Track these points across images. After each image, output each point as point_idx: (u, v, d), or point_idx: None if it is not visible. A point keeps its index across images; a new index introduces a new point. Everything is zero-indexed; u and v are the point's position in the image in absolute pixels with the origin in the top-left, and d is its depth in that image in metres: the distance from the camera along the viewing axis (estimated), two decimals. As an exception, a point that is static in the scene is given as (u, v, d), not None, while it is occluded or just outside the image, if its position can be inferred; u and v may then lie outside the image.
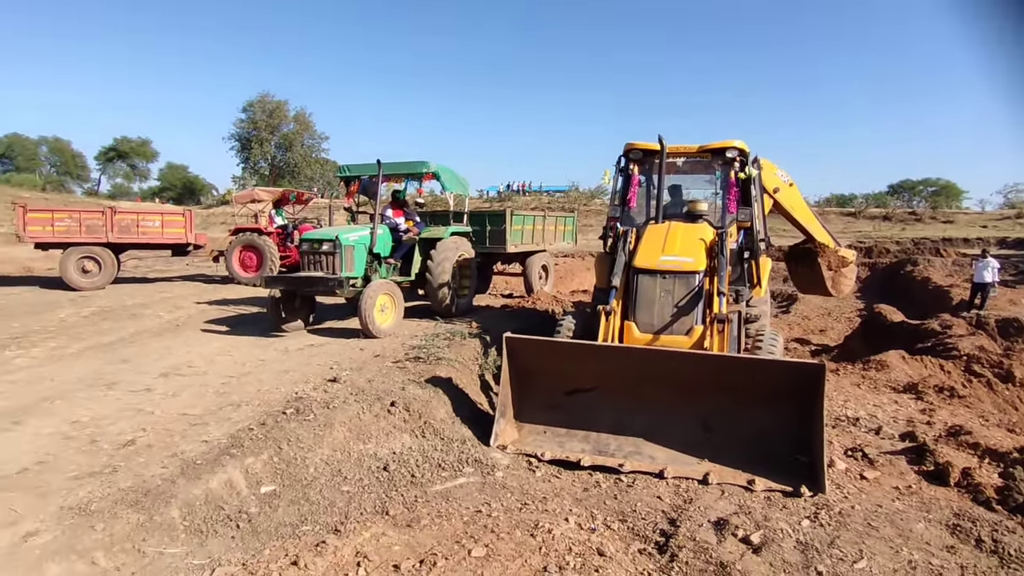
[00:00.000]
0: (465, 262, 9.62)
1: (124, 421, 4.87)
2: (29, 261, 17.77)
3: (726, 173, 6.91)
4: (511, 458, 4.84)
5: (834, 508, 3.92)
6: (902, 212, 40.84)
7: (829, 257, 10.04)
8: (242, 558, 3.27)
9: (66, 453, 4.23)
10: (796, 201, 9.18)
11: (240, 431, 4.52)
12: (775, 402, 4.68)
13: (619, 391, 5.13)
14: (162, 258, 20.16)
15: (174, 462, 4.04)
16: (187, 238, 14.09)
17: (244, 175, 56.43)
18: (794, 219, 9.48)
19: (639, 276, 5.79)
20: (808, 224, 9.76)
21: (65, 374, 6.34)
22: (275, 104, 56.26)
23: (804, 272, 10.55)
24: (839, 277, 10.33)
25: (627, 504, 4.06)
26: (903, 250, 25.90)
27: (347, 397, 5.18)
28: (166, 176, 70.95)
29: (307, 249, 8.33)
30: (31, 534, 3.19)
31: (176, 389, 5.75)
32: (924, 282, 18.44)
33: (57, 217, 13.17)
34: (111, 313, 10.00)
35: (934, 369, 7.85)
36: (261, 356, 7.05)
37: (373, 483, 4.29)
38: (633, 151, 7.10)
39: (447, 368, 6.20)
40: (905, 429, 5.48)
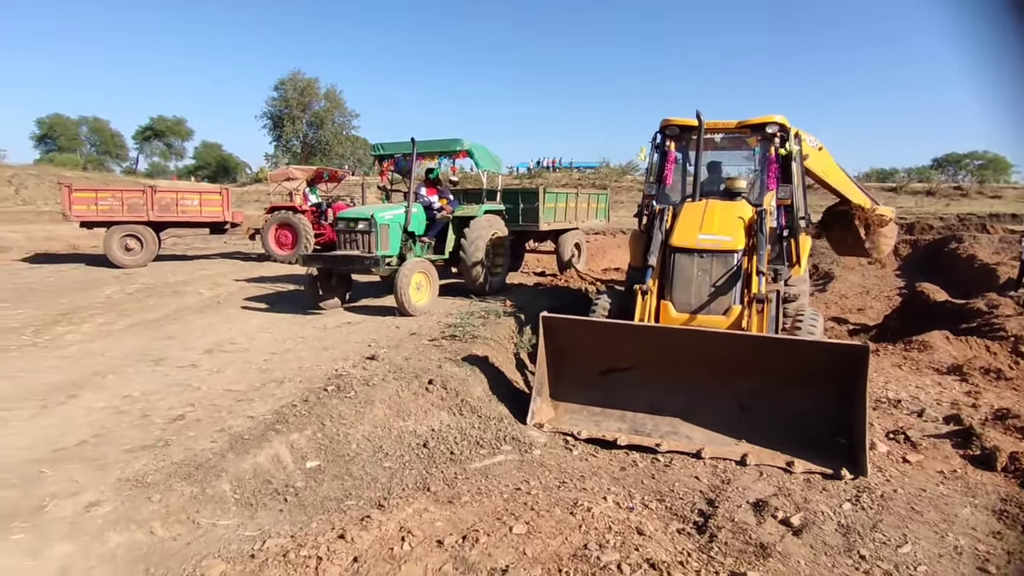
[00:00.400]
0: (498, 240, 9.62)
1: (173, 396, 5.05)
2: (75, 239, 18.34)
3: (766, 149, 6.75)
4: (548, 436, 4.89)
5: (876, 491, 3.87)
6: (947, 187, 39.44)
7: (867, 217, 9.78)
8: (291, 530, 3.38)
9: (120, 427, 4.41)
10: (828, 165, 8.90)
11: (284, 407, 4.65)
12: (815, 383, 4.62)
13: (655, 371, 5.12)
14: (200, 236, 20.60)
15: (223, 437, 4.19)
16: (224, 216, 14.37)
17: (276, 153, 57.05)
18: (827, 184, 9.24)
19: (676, 255, 5.73)
20: (842, 187, 9.50)
21: (114, 349, 6.58)
22: (306, 82, 56.50)
23: (840, 235, 10.33)
24: (878, 237, 10.10)
25: (665, 484, 4.07)
26: (947, 226, 25.06)
27: (386, 375, 5.28)
28: (201, 154, 72.15)
29: (343, 228, 8.43)
30: (93, 504, 3.35)
31: (220, 365, 5.92)
32: (969, 260, 17.83)
33: (100, 197, 13.56)
34: (154, 290, 10.30)
35: (980, 350, 7.63)
36: (300, 333, 7.20)
37: (413, 459, 4.38)
38: (670, 127, 6.97)
39: (483, 346, 6.25)
40: (949, 412, 5.37)
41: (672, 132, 7.00)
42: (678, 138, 7.07)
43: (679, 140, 7.10)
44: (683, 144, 7.18)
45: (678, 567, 2.98)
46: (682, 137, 7.06)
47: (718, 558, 3.11)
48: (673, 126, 6.95)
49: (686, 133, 6.97)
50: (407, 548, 3.14)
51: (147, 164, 70.90)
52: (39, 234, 20.14)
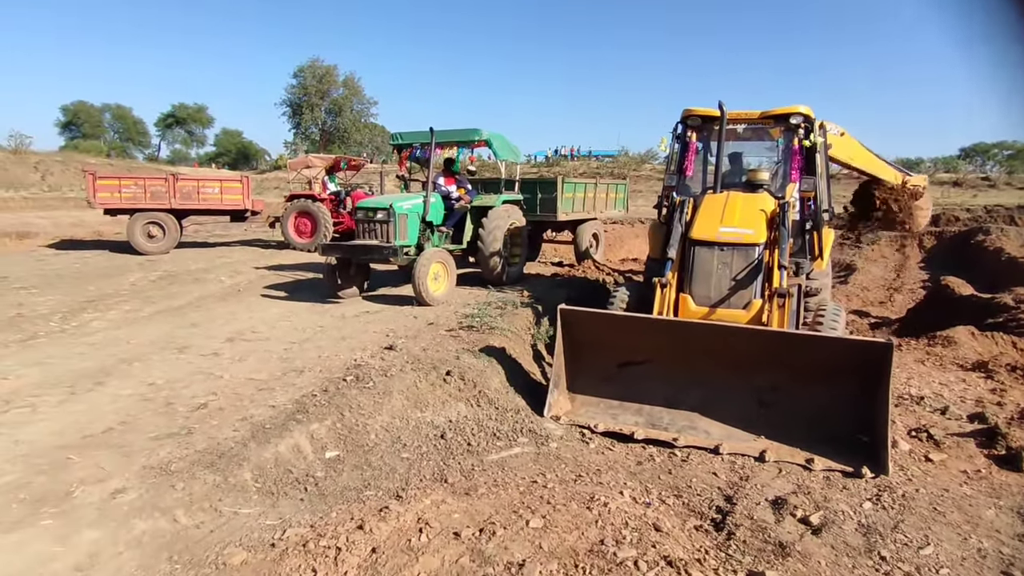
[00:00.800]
0: (516, 230, 9.61)
1: (196, 384, 5.13)
2: (99, 225, 18.62)
3: (789, 140, 6.64)
4: (564, 429, 4.89)
5: (897, 491, 3.83)
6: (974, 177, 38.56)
7: (898, 195, 9.71)
8: (311, 520, 3.43)
9: (145, 414, 4.49)
10: (853, 149, 8.70)
11: (304, 397, 4.71)
12: (836, 380, 4.57)
13: (674, 365, 5.10)
14: (221, 223, 20.81)
15: (244, 426, 4.25)
16: (245, 204, 14.49)
17: (296, 140, 57.42)
18: (855, 167, 9.12)
19: (696, 248, 5.67)
20: (871, 168, 9.35)
21: (139, 337, 6.69)
22: (325, 69, 56.65)
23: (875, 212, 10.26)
24: (914, 211, 10.05)
25: (682, 479, 4.06)
26: (974, 218, 24.47)
27: (404, 365, 5.31)
28: (221, 142, 72.80)
29: (362, 217, 8.47)
30: (119, 491, 3.42)
31: (242, 354, 6.00)
32: (996, 252, 17.41)
33: (124, 184, 13.74)
34: (177, 277, 10.44)
35: (1006, 347, 7.48)
36: (319, 322, 7.26)
37: (431, 450, 4.42)
38: (691, 117, 6.87)
39: (500, 337, 6.26)
40: (974, 410, 5.28)
41: (694, 122, 6.91)
42: (700, 129, 6.98)
43: (700, 131, 7.01)
44: (704, 135, 7.08)
45: (695, 565, 2.97)
46: (704, 128, 6.96)
47: (736, 556, 3.10)
48: (695, 116, 6.86)
49: (708, 124, 6.87)
50: (425, 540, 3.17)
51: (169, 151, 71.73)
52: (65, 220, 20.48)
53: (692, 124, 6.92)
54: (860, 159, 9.01)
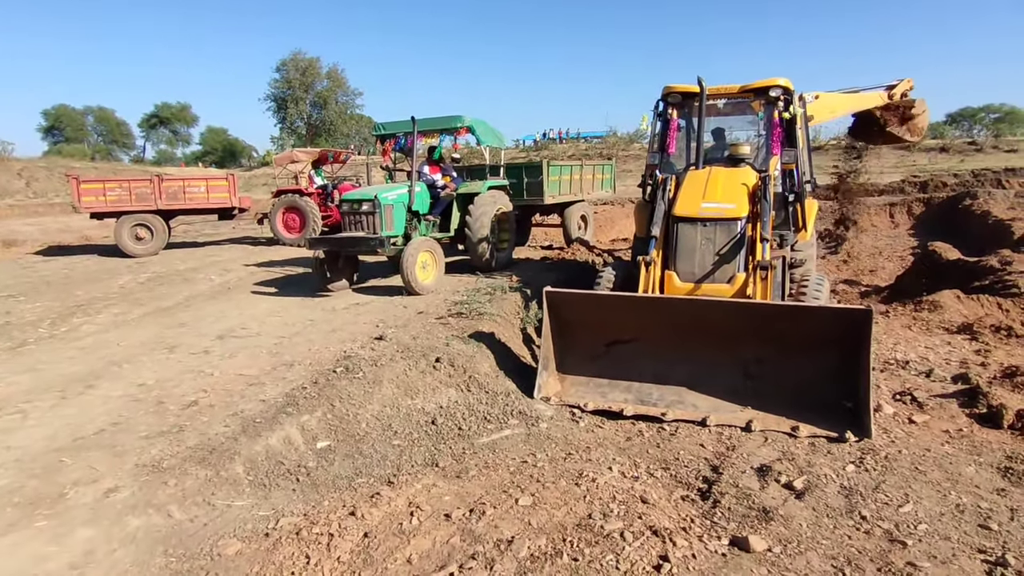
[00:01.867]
0: (503, 215, 9.61)
1: (187, 383, 5.16)
2: (86, 230, 18.52)
3: (769, 113, 6.64)
4: (555, 409, 4.95)
5: (880, 453, 3.90)
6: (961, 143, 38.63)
7: (893, 110, 9.86)
8: (303, 509, 3.48)
9: (136, 414, 4.52)
10: (831, 103, 8.75)
11: (294, 390, 4.74)
12: (820, 348, 4.63)
13: (660, 341, 5.15)
14: (209, 222, 20.72)
15: (235, 421, 4.28)
16: (232, 202, 14.42)
17: (282, 135, 57.01)
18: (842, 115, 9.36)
19: (679, 224, 5.70)
20: (855, 105, 9.48)
21: (129, 339, 6.70)
22: (307, 62, 56.15)
23: (875, 136, 10.59)
24: (911, 123, 10.16)
25: (670, 452, 4.13)
26: (961, 183, 24.55)
27: (394, 354, 5.34)
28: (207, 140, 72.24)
29: (347, 210, 8.45)
30: (111, 490, 3.46)
31: (232, 351, 6.02)
32: (983, 216, 17.52)
33: (108, 187, 13.63)
34: (166, 278, 10.42)
35: (991, 308, 7.57)
36: (309, 316, 7.28)
37: (422, 436, 4.47)
38: (671, 94, 6.86)
39: (489, 323, 6.30)
40: (958, 371, 5.36)
41: (674, 99, 6.89)
42: (680, 105, 6.97)
43: (681, 107, 7.00)
44: (686, 111, 7.08)
45: (680, 533, 3.04)
46: (684, 104, 6.96)
47: (720, 523, 3.17)
48: (675, 93, 6.84)
49: (688, 100, 6.86)
50: (416, 522, 3.22)
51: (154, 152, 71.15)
52: (52, 226, 20.36)
53: (672, 101, 6.91)
54: (842, 106, 9.09)
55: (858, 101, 9.46)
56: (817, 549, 2.92)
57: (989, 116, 51.42)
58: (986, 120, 51.02)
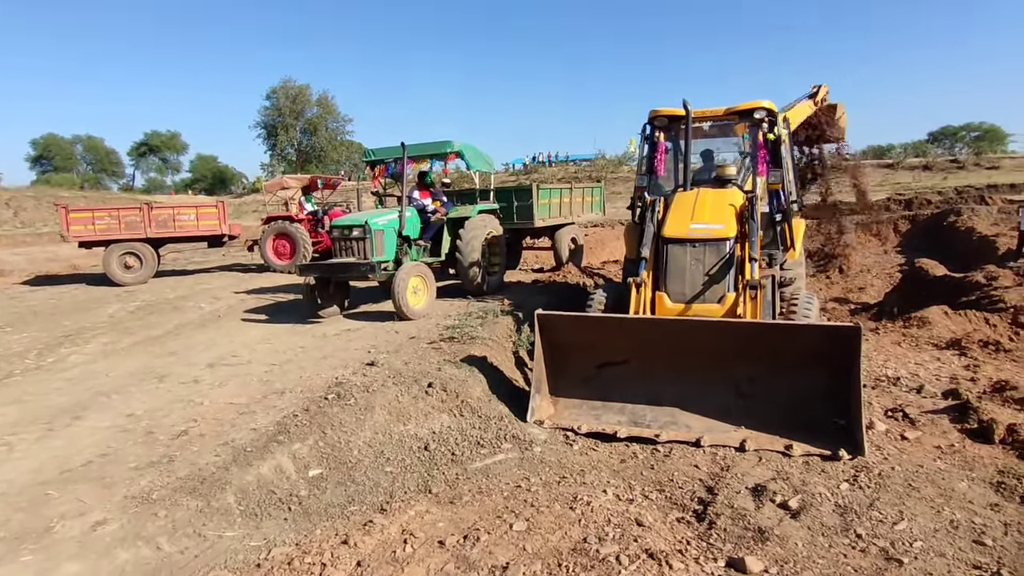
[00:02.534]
0: (494, 239, 9.65)
1: (176, 412, 5.10)
2: (75, 259, 18.42)
3: (755, 135, 6.75)
4: (548, 433, 4.93)
5: (874, 470, 3.91)
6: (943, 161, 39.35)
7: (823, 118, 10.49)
8: (295, 538, 3.44)
9: (125, 445, 4.46)
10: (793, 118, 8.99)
11: (286, 418, 4.70)
12: (811, 366, 4.65)
13: (652, 362, 5.15)
14: (199, 250, 20.67)
15: (226, 450, 4.24)
16: (222, 229, 14.40)
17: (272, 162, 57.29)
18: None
19: (669, 246, 5.75)
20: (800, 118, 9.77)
21: (118, 369, 6.63)
22: (297, 89, 56.70)
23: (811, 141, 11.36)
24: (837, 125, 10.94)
25: (664, 474, 4.11)
26: (945, 200, 24.96)
27: (385, 380, 5.32)
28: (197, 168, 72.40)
29: (338, 235, 8.47)
30: (100, 523, 3.40)
31: (222, 379, 5.98)
32: (968, 232, 17.80)
33: (97, 216, 13.61)
34: (155, 307, 10.36)
35: (979, 323, 7.64)
36: (300, 343, 7.24)
37: (415, 463, 4.43)
38: (658, 118, 6.97)
39: (481, 347, 6.29)
40: (948, 387, 5.40)
41: (661, 122, 7.00)
42: (667, 128, 7.07)
43: (668, 130, 7.10)
44: (672, 134, 7.18)
45: (677, 556, 3.02)
46: (671, 127, 7.06)
47: (717, 544, 3.15)
48: (661, 116, 6.95)
49: (675, 123, 6.97)
50: (409, 550, 3.18)
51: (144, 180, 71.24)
52: (40, 256, 20.24)
53: (659, 124, 7.01)
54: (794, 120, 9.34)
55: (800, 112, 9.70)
56: (813, 569, 2.90)
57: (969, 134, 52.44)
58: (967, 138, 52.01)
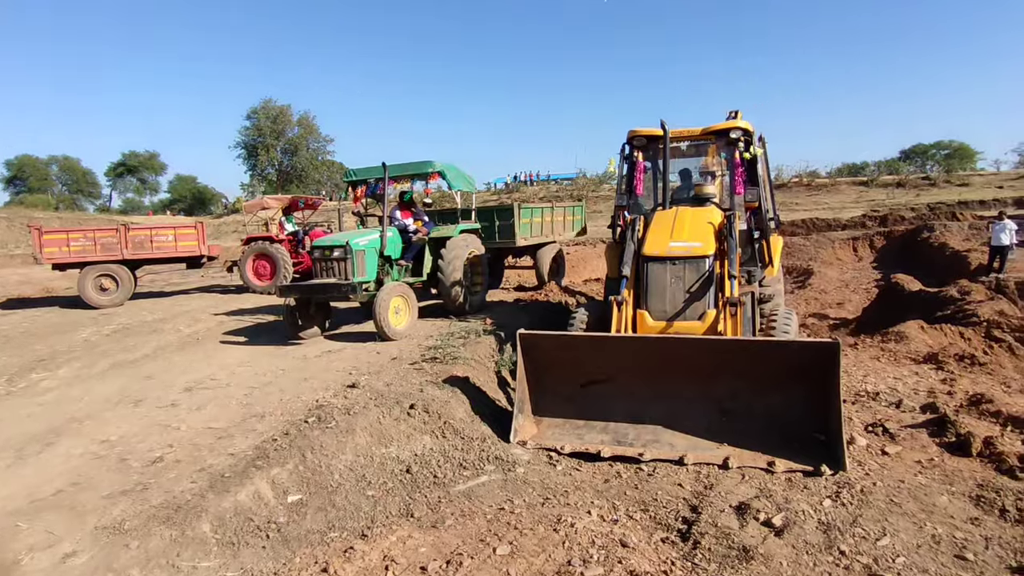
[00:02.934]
0: (476, 259, 9.65)
1: (152, 438, 4.98)
2: (48, 282, 18.07)
3: (731, 154, 6.86)
4: (531, 453, 4.89)
5: (856, 486, 3.92)
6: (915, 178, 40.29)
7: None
8: (274, 567, 3.36)
9: (98, 473, 4.34)
10: None
11: (265, 442, 4.61)
12: (792, 382, 4.68)
13: (635, 380, 5.15)
14: (177, 271, 20.39)
15: (202, 476, 4.14)
16: (200, 250, 14.22)
17: (252, 182, 56.89)
18: None
19: (649, 264, 5.78)
20: None
21: (92, 393, 6.48)
22: (279, 109, 56.52)
23: None
24: None
25: (648, 493, 4.09)
26: (919, 216, 25.51)
27: (367, 402, 5.25)
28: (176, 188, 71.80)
29: (319, 256, 8.41)
30: (69, 555, 3.30)
31: (200, 403, 5.86)
32: (941, 248, 18.17)
33: (72, 237, 13.37)
34: (132, 330, 10.16)
35: (954, 337, 7.78)
36: (281, 365, 7.14)
37: (397, 486, 4.36)
38: (636, 138, 7.06)
39: (463, 367, 6.25)
40: (926, 401, 5.46)
41: (639, 142, 7.10)
42: (645, 148, 7.17)
43: (646, 150, 7.20)
44: (651, 153, 7.28)
45: (661, 577, 2.99)
46: (649, 147, 7.16)
47: (701, 564, 3.13)
48: (640, 136, 7.05)
49: (652, 143, 7.07)
50: (391, 577, 3.12)
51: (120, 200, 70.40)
52: (12, 279, 19.80)
53: (638, 144, 7.11)
54: None
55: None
56: (798, 588, 2.89)
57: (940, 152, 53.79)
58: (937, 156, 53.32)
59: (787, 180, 40.09)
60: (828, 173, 44.16)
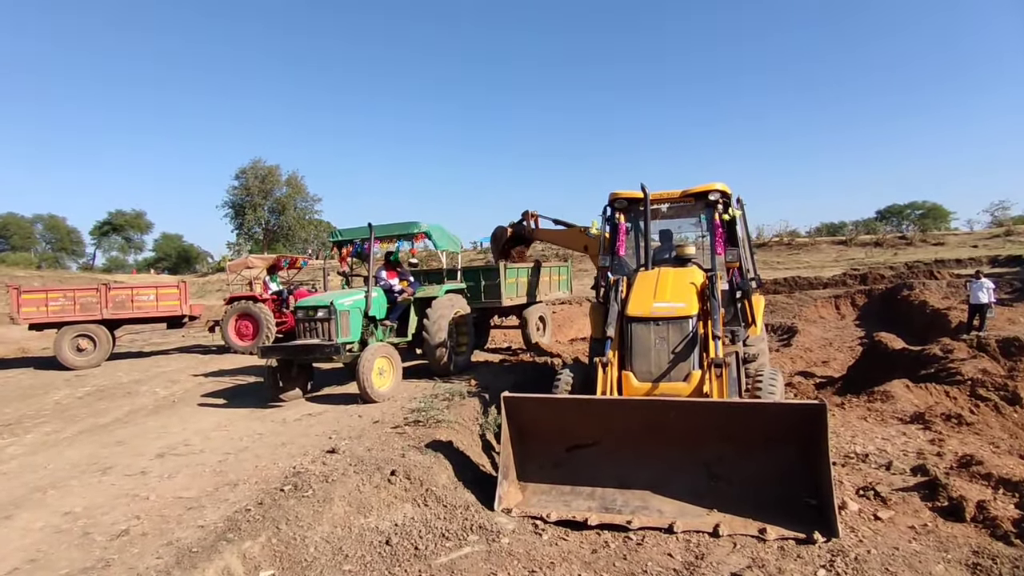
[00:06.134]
0: (461, 319, 9.60)
1: (119, 509, 4.76)
2: (24, 341, 17.69)
3: (711, 216, 6.97)
4: (516, 522, 4.71)
5: (850, 554, 3.81)
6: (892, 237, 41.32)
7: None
8: (241, 652, 3.14)
9: (58, 548, 4.12)
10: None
11: (237, 512, 4.41)
12: (780, 445, 4.61)
13: (622, 444, 5.05)
14: (158, 330, 20.08)
15: (169, 551, 3.93)
16: (182, 310, 14.05)
17: (239, 241, 56.95)
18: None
19: (633, 325, 5.76)
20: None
21: (59, 460, 6.23)
22: (267, 169, 57.25)
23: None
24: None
25: (637, 564, 3.94)
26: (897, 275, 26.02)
27: (346, 468, 5.08)
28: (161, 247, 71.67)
29: (302, 316, 8.32)
30: (20, 642, 3.07)
31: (172, 470, 5.64)
32: (922, 306, 18.44)
33: (51, 297, 13.20)
34: (106, 392, 9.90)
35: (940, 396, 7.78)
36: (259, 429, 6.94)
37: (375, 559, 4.16)
38: (618, 200, 7.18)
39: (447, 431, 6.11)
40: (916, 462, 5.39)
41: (620, 204, 7.21)
42: (627, 210, 7.28)
43: (628, 212, 7.31)
44: (632, 215, 7.39)
45: (652, 659, 2.83)
46: (630, 208, 7.27)
47: (694, 644, 2.98)
48: (621, 199, 7.16)
49: (634, 204, 7.18)
50: (366, 662, 2.93)
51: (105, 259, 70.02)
52: (-14, 339, 19.37)
53: (619, 206, 7.22)
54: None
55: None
56: (796, 668, 2.75)
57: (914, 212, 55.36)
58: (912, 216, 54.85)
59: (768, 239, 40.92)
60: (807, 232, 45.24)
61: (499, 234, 12.34)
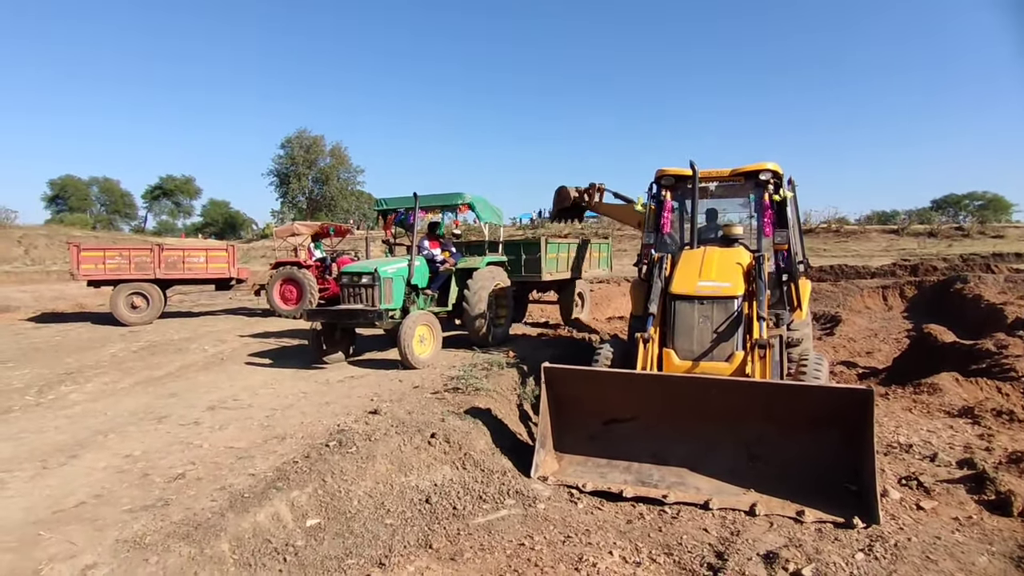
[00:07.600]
0: (501, 291, 9.67)
1: (174, 455, 5.01)
2: (82, 298, 18.53)
3: (760, 196, 6.83)
4: (552, 489, 4.80)
5: (889, 540, 3.77)
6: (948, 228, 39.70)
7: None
8: (289, 592, 3.31)
9: (120, 487, 4.37)
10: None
11: (285, 464, 4.60)
12: (822, 429, 4.56)
13: (660, 420, 5.06)
14: (206, 292, 20.77)
15: (223, 495, 4.13)
16: (230, 273, 14.50)
17: (283, 209, 58.13)
18: None
19: (676, 302, 5.73)
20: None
21: (117, 408, 6.56)
22: (312, 139, 58.05)
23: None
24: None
25: (672, 536, 3.98)
26: (951, 267, 25.04)
27: (388, 429, 5.23)
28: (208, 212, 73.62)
29: (346, 282, 8.50)
30: (89, 567, 3.29)
31: (223, 422, 5.89)
32: (976, 300, 17.71)
33: (108, 255, 13.75)
34: (159, 348, 10.33)
35: (991, 392, 7.53)
36: (303, 388, 7.18)
37: (416, 516, 4.30)
38: (665, 177, 7.09)
39: (486, 398, 6.21)
40: (962, 456, 5.26)
41: (667, 182, 7.11)
42: (673, 187, 7.18)
43: (675, 189, 7.21)
44: (679, 193, 7.29)
45: (687, 624, 2.88)
46: (677, 186, 7.17)
47: (728, 614, 3.01)
48: (668, 176, 7.07)
49: (681, 182, 7.07)
50: (408, 609, 3.06)
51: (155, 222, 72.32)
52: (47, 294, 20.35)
53: (666, 183, 7.12)
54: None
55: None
56: (831, 644, 2.76)
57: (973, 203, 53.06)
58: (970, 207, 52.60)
59: (815, 226, 39.81)
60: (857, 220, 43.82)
61: (564, 194, 11.80)
